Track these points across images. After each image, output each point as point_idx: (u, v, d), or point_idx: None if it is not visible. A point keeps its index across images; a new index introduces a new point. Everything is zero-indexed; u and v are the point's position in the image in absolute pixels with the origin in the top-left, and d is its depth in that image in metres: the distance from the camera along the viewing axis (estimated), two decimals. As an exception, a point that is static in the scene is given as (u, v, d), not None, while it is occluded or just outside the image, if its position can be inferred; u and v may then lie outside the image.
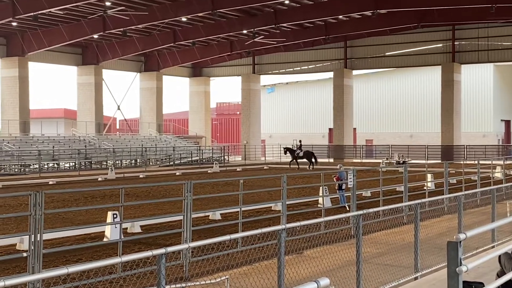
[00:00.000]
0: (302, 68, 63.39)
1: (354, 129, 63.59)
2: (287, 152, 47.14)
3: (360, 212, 8.95)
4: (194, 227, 12.69)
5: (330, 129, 68.30)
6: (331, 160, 57.51)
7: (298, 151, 46.68)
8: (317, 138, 70.18)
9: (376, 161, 53.23)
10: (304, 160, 46.60)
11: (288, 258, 11.14)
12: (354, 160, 56.72)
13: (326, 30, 54.45)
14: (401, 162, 43.24)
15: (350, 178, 17.15)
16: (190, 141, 62.02)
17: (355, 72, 62.22)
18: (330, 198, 20.73)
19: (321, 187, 19.41)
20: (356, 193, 17.57)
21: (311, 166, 45.54)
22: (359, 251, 8.43)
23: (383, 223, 15.92)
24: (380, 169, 23.33)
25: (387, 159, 51.28)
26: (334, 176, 21.08)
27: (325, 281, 4.49)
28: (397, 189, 24.33)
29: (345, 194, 20.16)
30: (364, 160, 56.47)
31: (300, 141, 49.23)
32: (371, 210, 9.96)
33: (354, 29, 54.42)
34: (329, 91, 63.34)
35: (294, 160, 46.38)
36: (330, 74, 62.66)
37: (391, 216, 16.43)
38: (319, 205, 20.32)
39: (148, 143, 54.67)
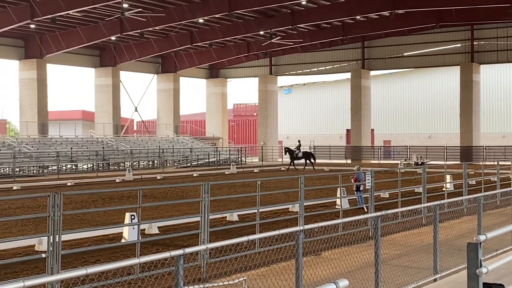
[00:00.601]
0: (319, 68, 63.27)
1: (372, 130, 63.34)
2: (287, 152, 46.83)
3: (379, 213, 8.91)
4: (212, 228, 12.71)
5: (347, 130, 68.08)
6: (349, 161, 57.31)
7: (297, 151, 46.48)
8: (334, 139, 69.99)
9: (394, 162, 52.96)
10: (301, 161, 46.48)
11: (306, 260, 11.11)
12: (372, 161, 56.49)
13: (343, 31, 54.31)
14: (420, 163, 43.02)
15: (368, 179, 17.07)
16: (207, 143, 62.15)
17: (372, 72, 61.99)
18: (348, 199, 20.66)
19: (338, 188, 19.34)
20: (374, 194, 17.49)
21: (311, 166, 45.22)
22: (377, 253, 8.39)
23: (401, 224, 15.84)
24: (398, 170, 23.22)
25: (405, 160, 50.99)
26: (352, 177, 21.00)
27: (344, 282, 4.47)
28: (415, 190, 24.20)
29: (363, 195, 20.08)
30: (382, 161, 56.23)
31: (299, 141, 49.18)
32: (389, 211, 9.91)
33: (372, 30, 54.23)
34: (347, 92, 63.15)
35: (291, 161, 46.11)
36: (348, 75, 62.46)
37: (410, 217, 16.34)
38: (336, 206, 20.25)
39: (165, 145, 54.87)
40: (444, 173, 24.61)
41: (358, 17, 50.60)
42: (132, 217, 13.43)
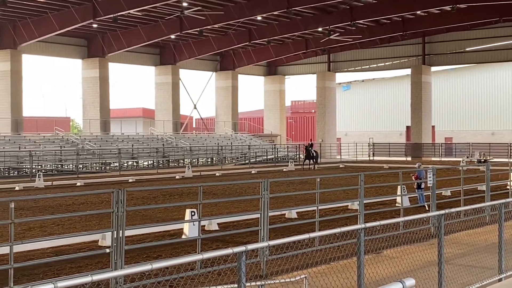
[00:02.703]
0: (378, 65, 62.54)
1: (433, 126, 62.21)
2: (308, 151, 44.20)
3: (442, 211, 8.75)
4: (271, 225, 12.74)
5: (407, 127, 67.09)
6: (409, 158, 56.48)
7: (311, 149, 44.39)
8: (394, 136, 69.10)
9: (456, 160, 51.90)
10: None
11: (366, 258, 11.02)
12: (433, 159, 55.51)
13: (403, 26, 53.48)
14: (483, 160, 42.01)
15: (430, 177, 16.78)
16: (265, 140, 62.29)
17: (433, 68, 60.88)
18: (409, 197, 20.37)
19: (399, 186, 19.09)
20: (436, 192, 17.18)
21: (315, 166, 44.06)
22: (441, 252, 8.24)
23: (464, 223, 15.52)
24: (460, 168, 22.74)
25: (467, 157, 49.89)
26: (413, 175, 20.70)
27: (410, 281, 4.41)
28: (478, 188, 23.67)
29: (424, 193, 19.77)
30: (443, 159, 55.19)
31: (311, 139, 47.72)
32: (453, 209, 9.72)
33: (433, 25, 53.19)
34: (407, 88, 62.22)
35: (307, 160, 44.20)
36: (408, 71, 61.53)
37: (473, 216, 16.00)
38: (397, 204, 20.01)
39: (224, 142, 55.26)
40: (509, 170, 23.97)
41: (418, 12, 49.71)
42: (193, 213, 13.59)
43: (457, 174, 27.89)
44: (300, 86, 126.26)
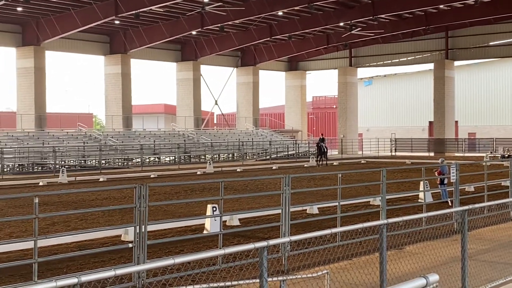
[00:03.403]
0: (400, 60, 62.12)
1: (456, 122, 61.70)
2: (317, 146, 42.89)
3: (466, 207, 8.69)
4: (292, 220, 12.73)
5: (430, 122, 66.62)
6: (432, 154, 56.07)
7: (322, 144, 42.62)
8: (416, 132, 68.65)
9: (480, 155, 51.40)
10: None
11: (388, 254, 10.97)
12: (456, 154, 55.05)
13: (426, 20, 53.01)
14: (506, 156, 41.59)
15: (453, 172, 16.65)
16: (286, 135, 62.24)
17: (456, 63, 60.31)
18: (431, 193, 20.23)
19: (421, 182, 18.96)
20: (459, 187, 17.05)
21: (325, 162, 42.88)
22: (464, 247, 8.18)
23: (487, 218, 15.40)
24: (484, 163, 22.53)
25: (491, 152, 49.43)
26: (436, 171, 20.56)
27: (434, 277, 4.38)
28: (502, 184, 23.43)
29: (447, 189, 19.62)
30: (466, 154, 54.69)
31: (322, 134, 46.65)
32: (477, 205, 9.65)
33: (456, 19, 52.63)
34: (429, 83, 61.74)
35: (320, 156, 42.52)
36: (430, 66, 61.06)
37: (496, 211, 15.85)
38: (419, 200, 19.90)
39: (245, 137, 55.32)
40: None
41: (441, 6, 49.23)
42: (214, 209, 13.64)
43: (480, 170, 27.65)
44: (322, 82, 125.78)
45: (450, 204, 18.80)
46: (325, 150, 42.99)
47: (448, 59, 58.42)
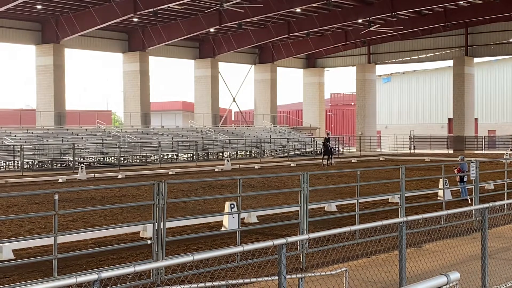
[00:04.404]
0: (419, 56, 61.73)
1: (476, 119, 61.23)
2: (323, 146, 40.13)
3: (486, 205, 8.62)
4: (310, 218, 12.72)
5: (449, 119, 66.17)
6: (451, 151, 55.71)
7: (328, 143, 40.00)
8: (435, 129, 68.21)
9: (499, 153, 50.96)
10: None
11: (408, 251, 10.92)
12: (476, 152, 54.63)
13: (445, 17, 52.61)
14: (527, 153, 41.15)
15: (472, 170, 16.53)
16: (304, 133, 62.14)
17: (476, 59, 59.82)
18: (451, 190, 20.11)
19: (441, 179, 18.85)
20: (479, 185, 16.92)
21: (330, 161, 39.94)
22: (484, 245, 8.11)
23: (507, 216, 15.26)
24: (504, 161, 22.32)
25: (511, 150, 48.94)
26: (455, 168, 20.44)
27: (455, 275, 4.34)
28: (522, 182, 23.20)
29: (467, 187, 19.49)
30: (486, 152, 54.26)
31: (327, 132, 43.37)
32: (497, 203, 9.56)
33: (476, 15, 52.14)
34: (449, 80, 61.32)
35: (327, 156, 39.59)
36: (450, 63, 60.59)
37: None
38: (438, 198, 19.79)
39: (263, 135, 55.31)
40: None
41: (461, 2, 48.79)
42: (232, 206, 13.66)
43: (500, 167, 27.38)
44: (340, 79, 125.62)
45: (469, 202, 18.69)
46: (332, 149, 41.03)
47: (467, 56, 57.95)
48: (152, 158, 45.31)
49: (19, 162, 36.99)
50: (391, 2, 47.28)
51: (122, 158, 41.77)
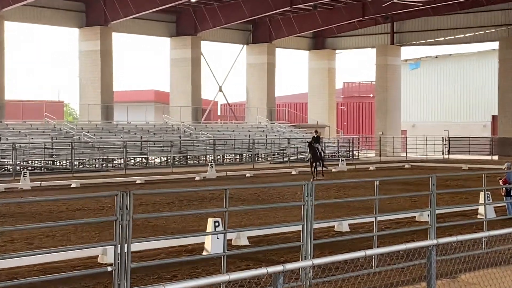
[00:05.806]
0: (456, 37, 61.90)
1: (527, 117, 61.47)
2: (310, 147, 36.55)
3: (538, 225, 8.67)
4: (316, 240, 12.73)
5: (493, 116, 66.42)
6: (495, 157, 55.89)
7: (317, 145, 36.61)
8: (475, 129, 68.42)
9: (557, 160, 51.11)
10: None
11: (439, 283, 10.95)
12: (526, 158, 54.87)
13: (489, -13, 52.92)
14: None
15: (522, 181, 16.60)
16: (310, 132, 62.26)
17: (528, 41, 60.14)
18: (494, 207, 20.19)
19: (482, 193, 18.92)
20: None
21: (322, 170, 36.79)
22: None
23: None
24: (562, 170, 22.44)
25: None
26: (500, 179, 20.52)
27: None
28: None
29: (515, 203, 19.59)
30: (539, 158, 54.49)
31: (316, 130, 39.69)
32: (552, 223, 9.62)
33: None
34: (493, 67, 61.52)
35: (315, 163, 36.06)
36: (495, 45, 60.78)
37: None
38: (479, 216, 19.87)
39: (257, 134, 55.36)
40: None
41: (509, -32, 49.12)
42: (216, 224, 13.67)
43: (557, 178, 27.49)
44: (355, 64, 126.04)
45: (518, 221, 18.78)
46: (321, 153, 37.37)
47: (518, 36, 58.25)
48: (115, 162, 45.25)
49: None
50: (421, -33, 47.48)
51: (76, 162, 41.66)
